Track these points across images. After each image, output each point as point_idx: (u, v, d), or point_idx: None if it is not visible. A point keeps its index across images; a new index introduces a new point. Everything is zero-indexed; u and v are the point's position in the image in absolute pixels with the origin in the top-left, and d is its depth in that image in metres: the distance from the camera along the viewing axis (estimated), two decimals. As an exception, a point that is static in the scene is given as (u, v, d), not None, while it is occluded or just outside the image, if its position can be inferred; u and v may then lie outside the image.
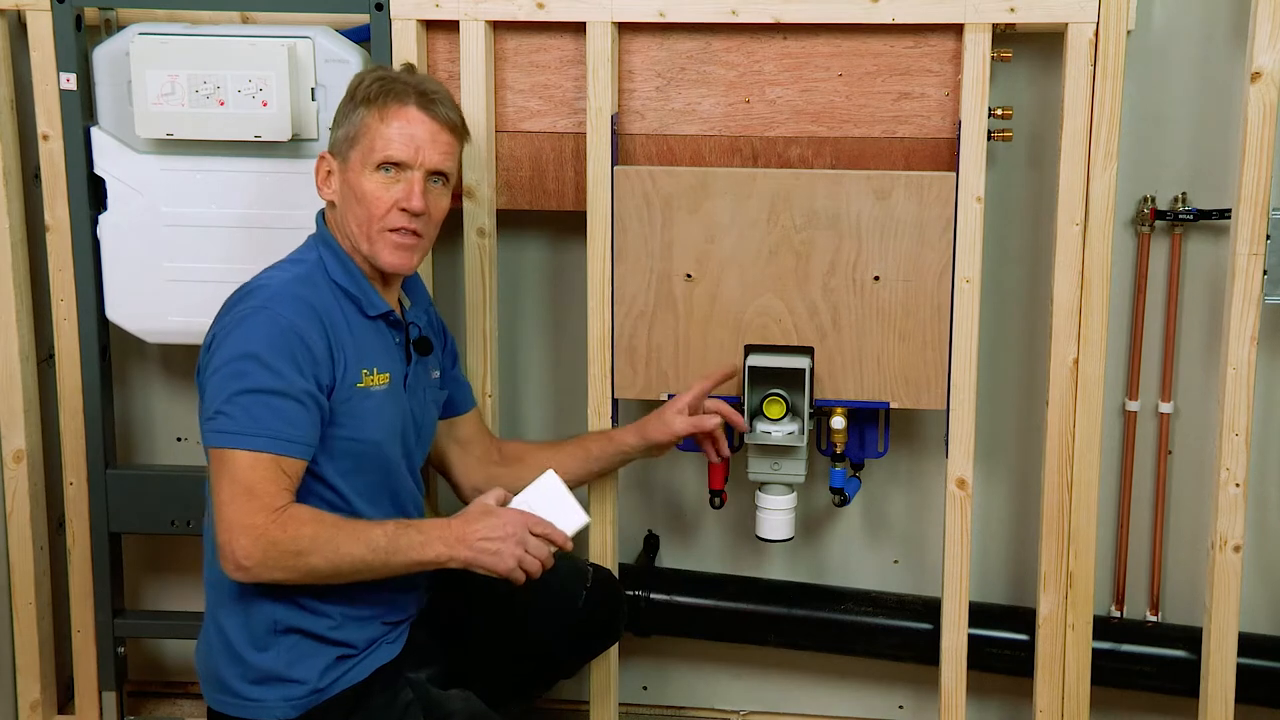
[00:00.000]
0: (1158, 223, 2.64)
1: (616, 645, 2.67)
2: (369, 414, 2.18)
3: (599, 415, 2.62)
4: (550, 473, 2.26)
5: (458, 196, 2.57)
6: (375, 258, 2.20)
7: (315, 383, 2.11)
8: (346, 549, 2.08)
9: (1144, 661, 2.75)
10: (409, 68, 2.30)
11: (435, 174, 2.21)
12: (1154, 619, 2.80)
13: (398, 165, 2.18)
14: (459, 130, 2.25)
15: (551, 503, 2.22)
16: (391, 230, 2.19)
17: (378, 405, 2.19)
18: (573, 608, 2.42)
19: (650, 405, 2.70)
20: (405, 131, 2.18)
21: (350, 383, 2.16)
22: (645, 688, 2.97)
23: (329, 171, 2.23)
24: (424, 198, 2.19)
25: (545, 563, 2.17)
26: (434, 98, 2.21)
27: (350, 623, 2.19)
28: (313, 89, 2.52)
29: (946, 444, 2.58)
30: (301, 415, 2.09)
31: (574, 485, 2.36)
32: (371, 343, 2.21)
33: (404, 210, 2.18)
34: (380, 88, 2.19)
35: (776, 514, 2.63)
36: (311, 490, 2.14)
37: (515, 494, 2.23)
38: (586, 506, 2.47)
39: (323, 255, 2.22)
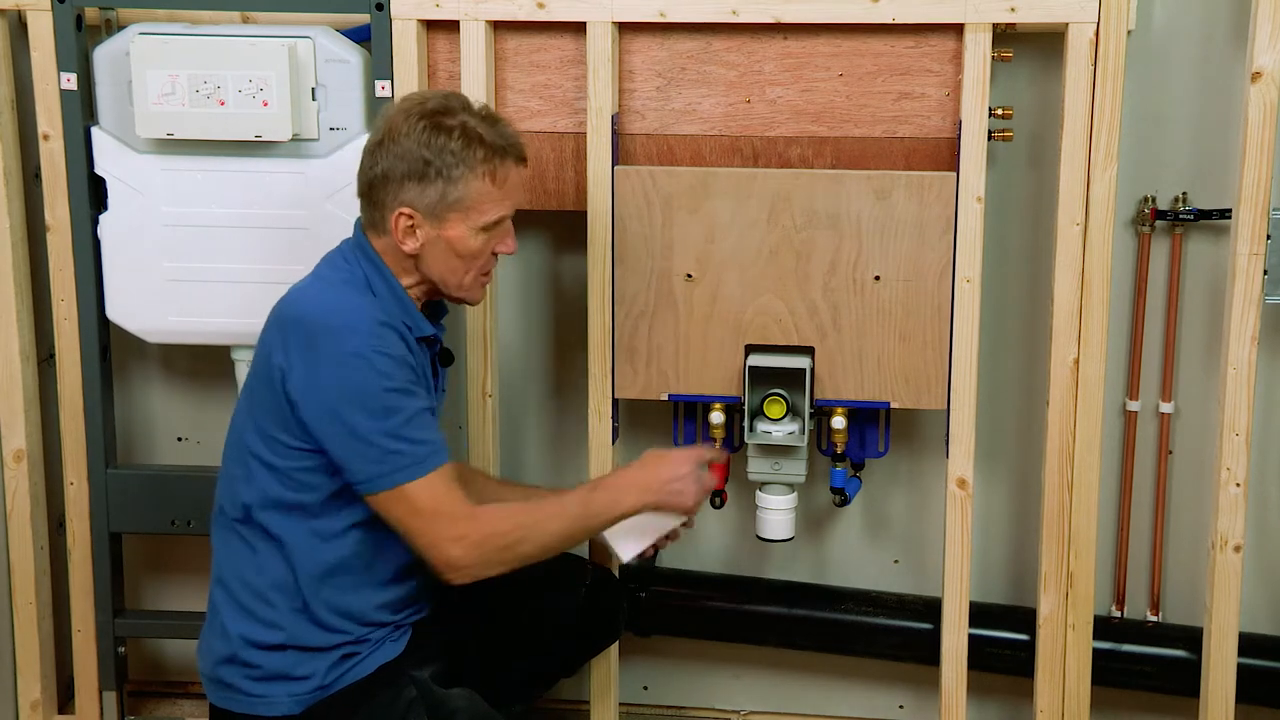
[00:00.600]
0: (1158, 223, 2.64)
1: (616, 645, 2.68)
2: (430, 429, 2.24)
3: (599, 415, 2.62)
4: None
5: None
6: (465, 299, 2.25)
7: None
8: (549, 527, 2.20)
9: (1144, 661, 2.75)
10: (466, 105, 2.20)
11: None
12: (1154, 619, 2.80)
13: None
14: None
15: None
16: (485, 273, 2.25)
17: (431, 420, 2.24)
18: (572, 606, 2.43)
19: (650, 405, 2.71)
20: (511, 188, 2.21)
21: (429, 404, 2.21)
22: (645, 687, 2.97)
23: (413, 227, 2.17)
24: None
25: (709, 490, 2.37)
26: (519, 144, 2.22)
27: (357, 637, 2.21)
28: (313, 89, 2.52)
29: (947, 444, 2.58)
30: (435, 422, 2.19)
31: None
32: (423, 363, 2.24)
33: (496, 254, 2.24)
34: (485, 153, 2.16)
35: (777, 514, 2.63)
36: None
37: None
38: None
39: (369, 276, 2.20)
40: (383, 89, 2.52)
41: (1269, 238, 2.46)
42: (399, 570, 2.24)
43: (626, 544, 2.39)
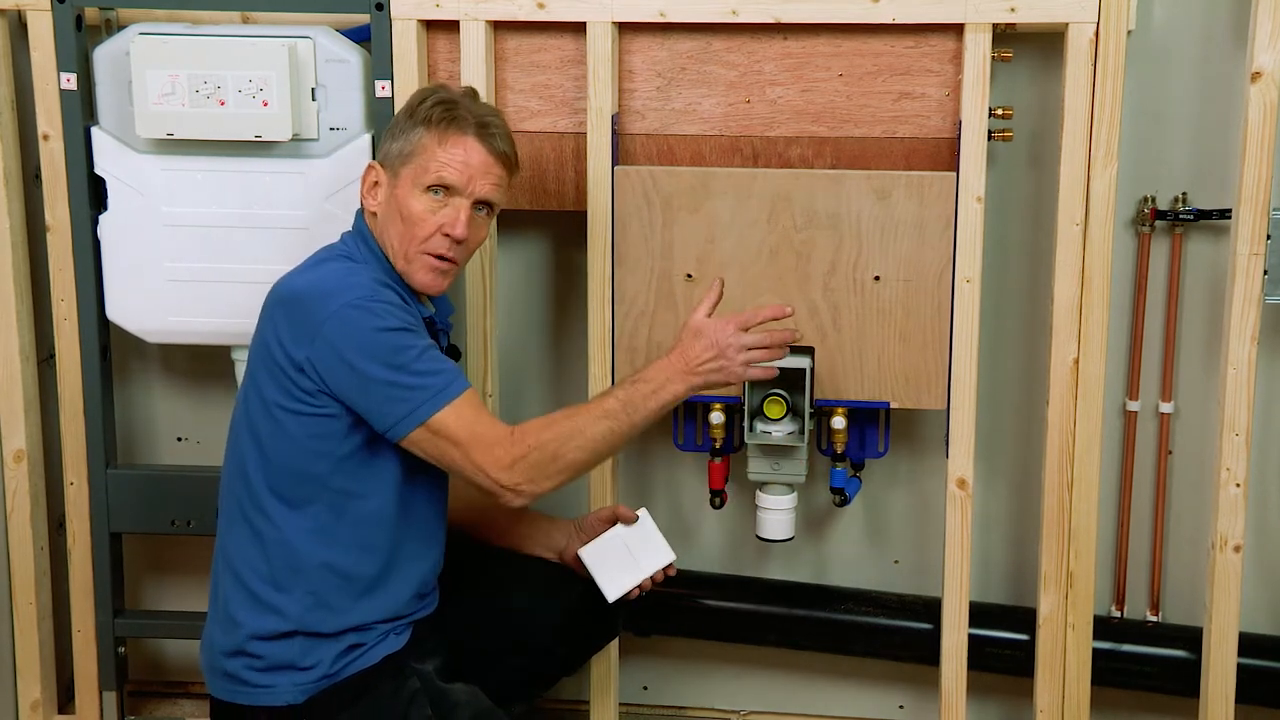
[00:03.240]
0: (1158, 222, 2.64)
1: (616, 644, 2.68)
2: None
3: (599, 415, 2.62)
4: (643, 511, 2.41)
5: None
6: (409, 276, 2.23)
7: None
8: (594, 430, 2.14)
9: (1144, 661, 2.75)
10: (473, 93, 2.29)
11: (481, 203, 2.24)
12: (1154, 619, 2.80)
13: (447, 189, 2.20)
14: (512, 163, 2.27)
15: (643, 539, 2.38)
16: (430, 254, 2.22)
17: (441, 355, 2.24)
18: (571, 604, 2.42)
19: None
20: (460, 159, 2.20)
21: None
22: (645, 687, 2.97)
23: (376, 182, 2.24)
24: (468, 226, 2.21)
25: (778, 351, 2.24)
26: (493, 130, 2.23)
27: (362, 637, 2.22)
28: (313, 89, 2.52)
29: (947, 444, 2.58)
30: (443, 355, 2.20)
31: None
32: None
33: (446, 236, 2.21)
34: (443, 112, 2.20)
35: (777, 514, 2.63)
36: (364, 473, 2.18)
37: None
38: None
39: (363, 254, 2.24)
40: (383, 89, 2.52)
41: (1269, 238, 2.46)
42: (403, 564, 2.24)
43: (614, 582, 2.38)
